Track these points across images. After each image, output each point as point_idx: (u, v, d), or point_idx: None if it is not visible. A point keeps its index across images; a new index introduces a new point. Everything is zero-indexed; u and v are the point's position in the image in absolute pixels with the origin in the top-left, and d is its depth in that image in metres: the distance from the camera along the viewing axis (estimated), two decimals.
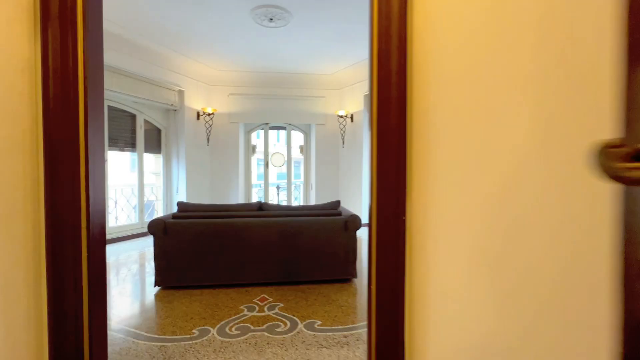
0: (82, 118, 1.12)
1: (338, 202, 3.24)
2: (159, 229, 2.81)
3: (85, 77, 1.12)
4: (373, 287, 1.32)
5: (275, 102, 6.48)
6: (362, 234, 4.60)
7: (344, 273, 3.03)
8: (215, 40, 4.76)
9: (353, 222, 3.01)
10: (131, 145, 5.22)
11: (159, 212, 5.83)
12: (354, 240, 3.03)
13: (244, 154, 6.77)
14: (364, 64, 5.67)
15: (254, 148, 6.95)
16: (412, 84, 1.29)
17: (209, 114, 5.97)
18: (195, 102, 5.98)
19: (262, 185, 6.98)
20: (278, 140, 20.28)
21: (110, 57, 4.46)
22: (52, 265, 1.22)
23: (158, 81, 5.28)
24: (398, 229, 1.31)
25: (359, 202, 6.16)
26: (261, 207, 3.16)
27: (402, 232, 1.31)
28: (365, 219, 3.67)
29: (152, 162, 5.87)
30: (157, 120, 5.63)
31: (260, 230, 2.92)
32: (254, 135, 7.01)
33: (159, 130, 5.72)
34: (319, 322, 2.27)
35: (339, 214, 3.11)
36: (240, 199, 6.47)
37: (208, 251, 2.88)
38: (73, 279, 1.18)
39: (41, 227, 1.18)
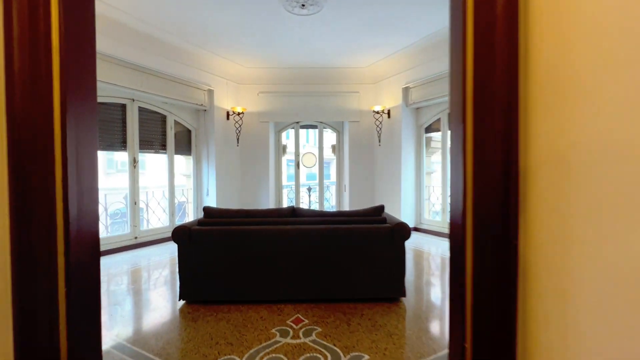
0: (58, 101, 0.82)
1: (381, 208, 2.81)
2: (184, 237, 2.55)
3: (61, 47, 0.81)
4: (468, 345, 0.89)
5: (306, 100, 6.14)
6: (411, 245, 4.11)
7: (391, 291, 2.59)
8: (243, 34, 4.51)
9: (401, 231, 2.56)
10: (162, 146, 5.12)
11: (190, 216, 5.71)
12: (401, 252, 2.58)
13: (274, 155, 6.50)
14: (403, 53, 5.16)
15: (284, 148, 6.67)
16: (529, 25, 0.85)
17: (239, 114, 5.76)
18: (225, 101, 5.79)
19: (293, 187, 6.68)
20: (307, 141, 20.09)
21: (137, 55, 4.35)
22: (18, 303, 0.92)
23: (187, 81, 5.14)
24: (506, 260, 0.87)
25: (397, 206, 5.65)
26: (294, 212, 2.81)
27: (512, 265, 0.87)
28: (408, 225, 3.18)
29: (183, 164, 5.76)
30: (187, 121, 5.50)
31: (294, 239, 2.57)
32: (284, 135, 6.73)
33: (189, 132, 5.60)
34: (367, 358, 1.85)
35: (384, 221, 2.68)
36: (270, 201, 6.21)
37: (236, 262, 2.57)
38: (47, 320, 0.87)
39: (5, 250, 0.88)
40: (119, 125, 4.51)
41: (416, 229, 5.67)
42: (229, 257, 2.57)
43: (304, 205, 6.76)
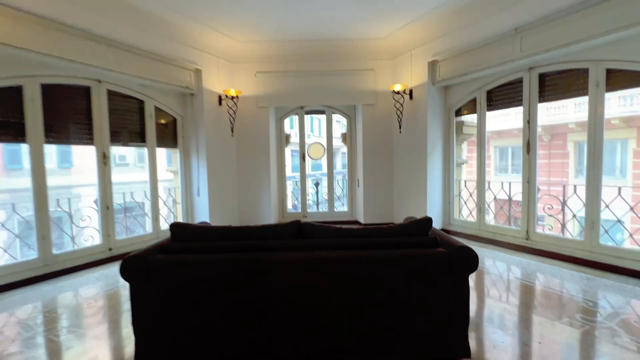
0: None
1: (428, 222, 1.93)
2: (138, 273, 1.71)
3: None
4: None
5: (312, 80, 5.22)
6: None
7: (447, 348, 1.74)
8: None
9: (463, 260, 1.69)
10: (139, 138, 4.27)
11: (179, 218, 4.90)
12: (463, 290, 1.72)
13: (276, 145, 5.62)
14: (430, 17, 4.18)
15: (287, 138, 5.78)
16: None
17: (233, 98, 4.87)
18: (216, 83, 4.90)
19: (298, 181, 5.82)
20: (312, 131, 18.97)
21: (102, 24, 3.46)
22: None
23: (169, 58, 4.24)
24: None
25: (421, 204, 4.76)
26: (300, 230, 1.95)
27: None
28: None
29: (169, 158, 4.92)
30: (172, 108, 4.63)
31: (301, 271, 1.72)
32: (286, 122, 5.83)
33: (174, 120, 4.73)
34: None
35: (434, 243, 1.80)
36: (272, 200, 5.37)
37: (218, 310, 1.73)
38: None
39: None
40: (82, 113, 3.66)
41: (444, 231, 4.79)
42: (207, 301, 1.73)
43: (312, 205, 5.91)
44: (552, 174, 11.53)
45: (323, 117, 5.81)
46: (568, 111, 11.90)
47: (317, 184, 5.97)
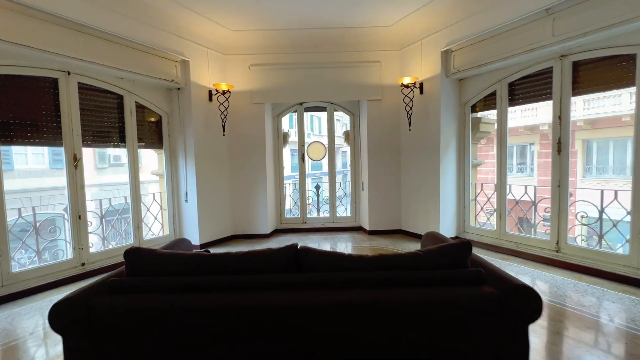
0: None
1: (466, 248, 1.46)
2: (74, 323, 1.24)
3: None
4: None
5: (312, 74, 4.75)
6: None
7: None
8: None
9: (523, 305, 1.23)
10: (118, 137, 3.80)
11: (166, 228, 4.43)
12: (521, 343, 1.25)
13: (273, 145, 5.16)
14: (443, 1, 3.71)
15: (285, 137, 5.32)
16: None
17: (224, 93, 4.40)
18: (205, 77, 4.42)
19: (297, 183, 5.35)
20: (312, 130, 18.39)
21: (74, 8, 2.99)
22: None
23: (152, 47, 3.76)
24: None
25: (433, 209, 4.30)
26: (298, 259, 1.48)
27: None
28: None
29: (154, 159, 4.46)
30: (155, 104, 4.16)
31: (297, 322, 1.25)
32: (285, 120, 5.37)
33: (159, 118, 4.26)
34: None
35: (478, 279, 1.34)
36: (269, 206, 4.90)
37: None
38: None
39: None
40: (49, 108, 3.19)
41: (458, 239, 4.32)
42: None
43: (312, 209, 5.45)
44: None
45: (324, 115, 5.35)
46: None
47: (317, 187, 5.51)
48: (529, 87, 3.57)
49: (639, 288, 2.70)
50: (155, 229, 4.41)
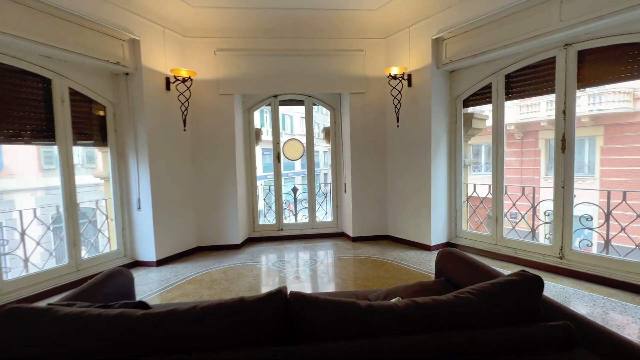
0: None
1: (537, 284, 1.00)
2: None
3: None
4: None
5: (288, 62, 4.19)
6: None
7: None
8: None
9: None
10: (45, 132, 3.01)
11: (113, 243, 3.67)
12: None
13: (244, 143, 4.54)
14: None
15: (258, 133, 4.71)
16: None
17: (185, 81, 3.72)
18: (161, 61, 3.72)
19: (271, 186, 4.77)
20: (283, 129, 17.62)
21: None
22: None
23: (92, 21, 3.02)
24: None
25: (424, 213, 3.92)
26: (288, 315, 0.93)
27: None
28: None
29: (96, 160, 3.68)
30: (97, 91, 3.40)
31: None
32: (256, 114, 4.76)
33: (101, 109, 3.50)
34: None
35: (568, 341, 0.87)
36: (240, 212, 4.28)
37: None
38: None
39: None
40: None
41: (450, 245, 3.99)
42: None
43: (289, 214, 4.89)
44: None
45: (297, 114, 4.81)
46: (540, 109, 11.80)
47: (295, 190, 4.96)
48: (529, 80, 3.27)
49: None
50: (100, 244, 3.64)
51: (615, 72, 2.73)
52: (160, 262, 3.67)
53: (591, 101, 10.74)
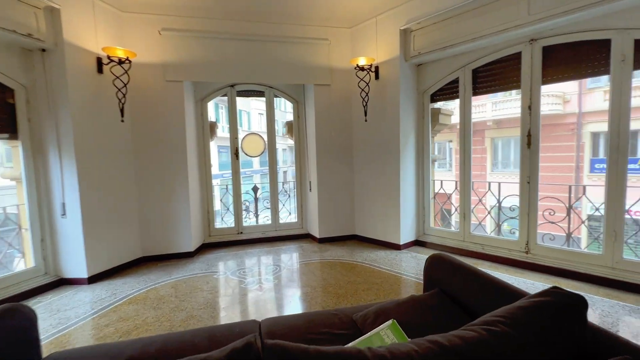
0: None
1: (582, 306, 0.79)
2: None
3: None
4: None
5: (247, 48, 3.78)
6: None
7: None
8: None
9: None
10: None
11: (29, 259, 2.98)
12: None
13: (196, 137, 4.04)
14: None
15: (212, 127, 4.23)
16: None
17: (122, 62, 3.14)
18: (90, 37, 3.10)
19: (229, 186, 4.32)
20: (240, 125, 16.76)
21: None
22: None
23: None
24: None
25: (393, 212, 3.78)
26: None
27: None
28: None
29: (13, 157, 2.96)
30: (1, 70, 2.70)
31: None
32: (210, 105, 4.28)
33: (8, 92, 2.80)
34: None
35: None
36: (193, 214, 3.79)
37: None
38: None
39: None
40: None
41: (418, 243, 3.91)
42: None
43: (249, 216, 4.48)
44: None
45: (254, 110, 4.42)
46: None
47: (255, 189, 4.56)
48: (496, 75, 3.25)
49: (621, 290, 2.53)
50: (13, 261, 2.94)
51: (576, 69, 2.78)
52: (94, 279, 3.07)
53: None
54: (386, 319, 1.25)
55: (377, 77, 3.82)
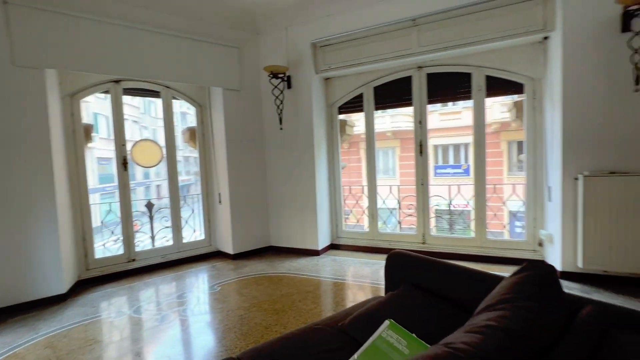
0: None
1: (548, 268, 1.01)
2: None
3: None
4: None
5: (141, 38, 3.19)
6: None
7: None
8: None
9: None
10: None
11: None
12: None
13: (65, 144, 3.11)
14: None
15: (87, 131, 3.34)
16: None
17: None
18: None
19: (113, 204, 3.49)
20: (97, 131, 13.78)
21: None
22: None
23: None
24: None
25: (310, 219, 3.86)
26: None
27: None
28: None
29: None
30: None
31: None
32: (86, 103, 3.37)
33: None
34: None
35: None
36: (63, 242, 2.87)
37: None
38: None
39: None
40: None
41: (333, 246, 4.11)
42: None
43: (143, 236, 3.70)
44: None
45: (159, 102, 3.79)
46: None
47: (149, 205, 3.81)
48: (393, 94, 3.79)
49: (486, 263, 3.31)
50: None
51: (451, 93, 3.54)
52: None
53: (392, 120, 14.09)
54: (378, 322, 1.26)
55: (289, 86, 3.86)
